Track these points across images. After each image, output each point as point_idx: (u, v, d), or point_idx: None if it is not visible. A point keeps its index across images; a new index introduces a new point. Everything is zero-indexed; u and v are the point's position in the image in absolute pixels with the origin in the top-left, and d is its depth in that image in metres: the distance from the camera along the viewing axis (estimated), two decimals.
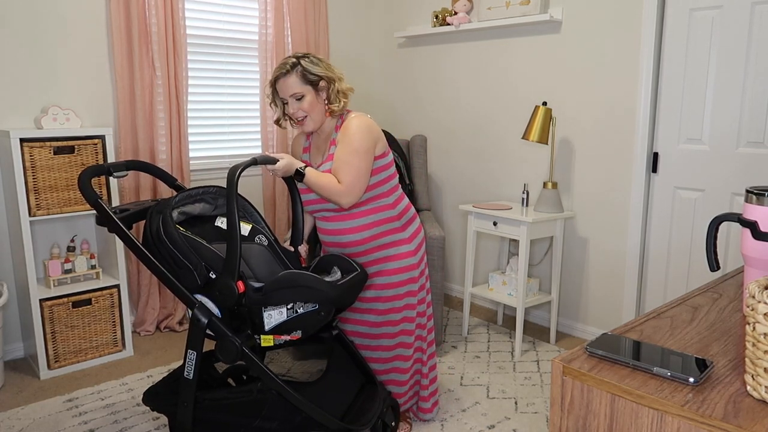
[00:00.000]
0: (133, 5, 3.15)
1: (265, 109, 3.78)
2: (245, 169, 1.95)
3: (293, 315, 1.91)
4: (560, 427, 0.97)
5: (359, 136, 2.11)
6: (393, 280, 2.25)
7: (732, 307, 1.22)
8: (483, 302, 3.96)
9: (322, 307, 1.90)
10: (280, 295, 1.89)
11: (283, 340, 1.95)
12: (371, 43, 4.40)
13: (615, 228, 3.23)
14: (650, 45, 2.97)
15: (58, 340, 2.91)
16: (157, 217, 1.99)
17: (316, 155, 2.28)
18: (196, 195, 2.18)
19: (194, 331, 1.97)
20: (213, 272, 1.94)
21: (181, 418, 2.01)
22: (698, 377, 0.88)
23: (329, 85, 2.14)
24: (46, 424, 2.48)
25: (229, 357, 1.94)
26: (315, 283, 1.88)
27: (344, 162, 2.09)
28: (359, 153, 2.10)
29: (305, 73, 2.10)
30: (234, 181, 1.90)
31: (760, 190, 1.11)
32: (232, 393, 2.04)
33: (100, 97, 3.22)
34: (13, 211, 2.85)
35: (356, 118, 2.16)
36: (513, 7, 3.46)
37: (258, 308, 1.92)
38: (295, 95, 2.12)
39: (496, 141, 3.76)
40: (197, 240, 1.97)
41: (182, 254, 1.94)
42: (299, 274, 1.90)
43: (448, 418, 2.54)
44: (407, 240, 2.28)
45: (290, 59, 2.13)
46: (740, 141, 2.77)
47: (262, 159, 2.04)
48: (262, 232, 2.25)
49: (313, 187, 2.10)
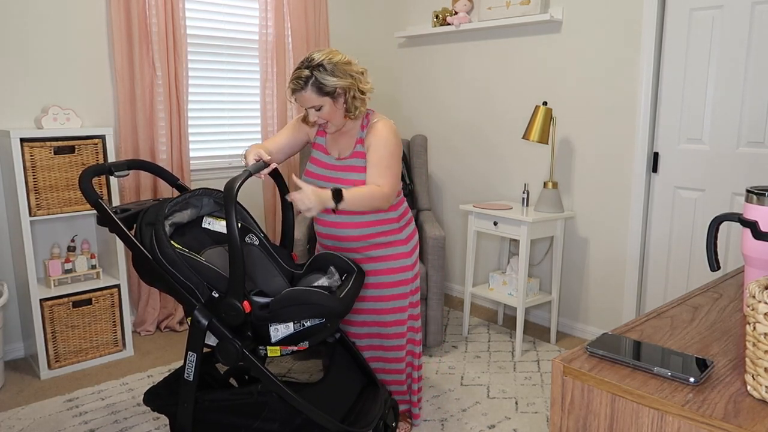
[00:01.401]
0: (133, 5, 3.14)
1: (265, 108, 3.78)
2: (243, 183, 1.89)
3: (300, 328, 1.89)
4: (561, 427, 0.97)
5: (393, 140, 2.14)
6: (386, 279, 2.25)
7: (732, 307, 1.22)
8: (483, 302, 3.96)
9: (329, 321, 1.90)
10: (287, 313, 1.87)
11: (290, 351, 1.94)
12: (371, 43, 4.39)
13: (615, 228, 3.23)
14: (651, 45, 2.97)
15: (58, 340, 2.91)
16: (148, 230, 1.95)
17: (333, 145, 2.24)
18: (183, 201, 2.15)
19: (194, 333, 1.95)
20: (215, 291, 1.92)
21: (181, 419, 2.01)
22: (698, 377, 0.88)
23: (346, 93, 2.10)
24: (47, 424, 2.48)
25: (229, 359, 1.92)
26: (323, 300, 1.86)
27: (385, 166, 2.10)
28: (395, 156, 2.13)
29: (320, 85, 2.05)
30: (233, 196, 1.83)
31: (760, 189, 1.11)
32: (233, 395, 2.03)
33: (100, 97, 3.22)
34: (13, 211, 2.86)
35: (384, 122, 2.17)
36: (513, 7, 3.46)
37: (264, 324, 1.90)
38: (314, 107, 2.10)
39: (497, 141, 3.76)
40: (196, 259, 1.92)
41: (183, 275, 1.91)
42: (307, 292, 1.87)
43: (448, 418, 2.53)
44: (404, 241, 2.28)
45: (304, 71, 2.05)
46: (740, 141, 2.77)
47: (255, 169, 2.00)
48: (251, 230, 2.22)
49: (353, 205, 2.01)
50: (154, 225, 1.95)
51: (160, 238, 1.90)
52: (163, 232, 1.91)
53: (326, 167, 2.21)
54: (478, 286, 3.51)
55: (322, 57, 2.05)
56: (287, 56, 3.81)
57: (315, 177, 2.22)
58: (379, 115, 2.22)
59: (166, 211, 2.02)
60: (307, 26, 3.86)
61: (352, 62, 2.12)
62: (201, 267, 1.92)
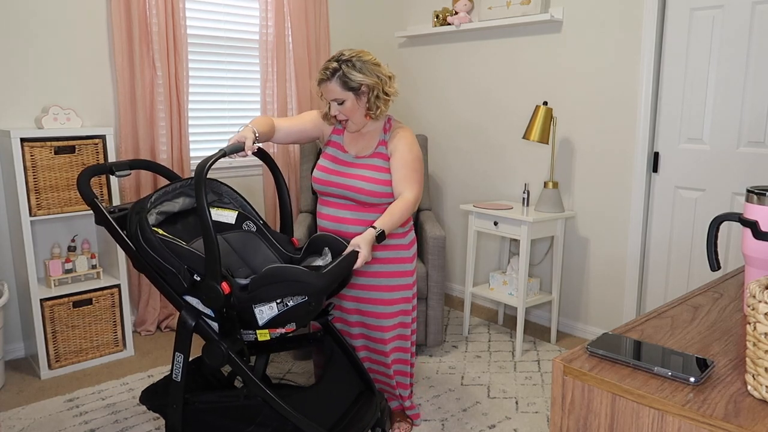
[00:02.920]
0: (133, 5, 3.15)
1: (266, 108, 3.78)
2: (214, 162, 1.85)
3: (284, 309, 1.86)
4: (561, 426, 0.97)
5: (416, 146, 2.18)
6: (390, 282, 2.24)
7: (733, 306, 1.22)
8: (484, 302, 3.96)
9: (311, 299, 1.85)
10: (267, 291, 1.84)
11: (278, 333, 1.91)
12: (372, 43, 4.39)
13: (616, 228, 3.23)
14: (651, 44, 2.97)
15: (58, 340, 2.91)
16: (135, 218, 1.95)
17: (352, 144, 2.24)
18: (174, 191, 2.13)
19: (182, 334, 1.94)
20: (197, 274, 1.90)
21: (171, 419, 2.01)
22: (699, 377, 0.88)
23: (370, 91, 2.11)
24: (47, 423, 2.48)
25: (215, 361, 1.91)
26: (301, 276, 1.82)
27: (411, 169, 2.15)
28: (420, 161, 2.18)
29: (345, 80, 2.06)
30: (202, 178, 1.80)
31: (760, 189, 1.11)
32: (221, 397, 2.02)
33: (100, 97, 3.22)
34: (13, 211, 2.86)
35: (407, 129, 2.22)
36: (514, 7, 3.46)
37: (248, 306, 1.88)
38: (336, 100, 2.11)
39: (497, 140, 3.75)
40: (175, 242, 1.91)
41: (163, 259, 1.90)
42: (283, 268, 1.84)
43: (449, 418, 2.54)
44: (406, 246, 2.27)
45: (332, 63, 2.08)
46: (741, 140, 2.77)
47: (230, 149, 1.95)
48: (249, 217, 2.20)
49: (393, 230, 2.10)
50: (139, 213, 1.96)
51: (142, 225, 1.91)
52: (145, 218, 1.92)
53: (341, 163, 2.21)
54: (478, 285, 3.51)
55: (353, 54, 2.09)
56: (287, 56, 3.82)
57: (326, 171, 2.22)
58: (398, 122, 2.25)
59: (153, 199, 2.03)
60: (307, 26, 3.86)
61: (381, 65, 2.14)
62: (181, 251, 1.90)
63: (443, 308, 3.07)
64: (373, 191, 2.14)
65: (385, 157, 2.17)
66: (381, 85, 2.11)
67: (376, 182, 2.14)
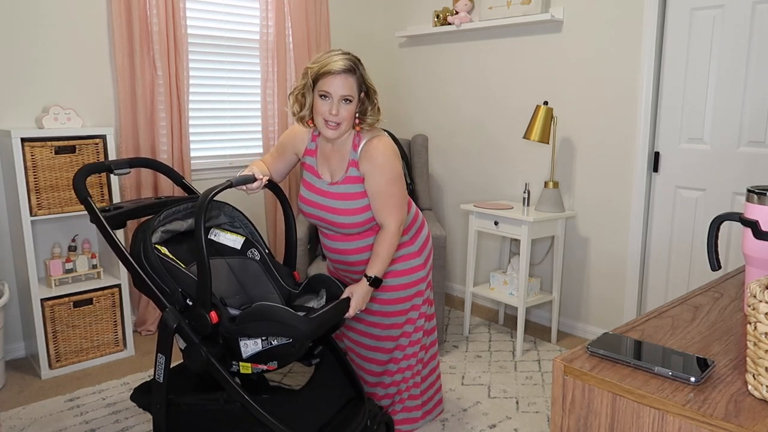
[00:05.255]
0: (134, 4, 3.15)
1: (266, 108, 3.78)
2: (219, 192, 1.87)
3: (268, 346, 1.86)
4: (561, 426, 0.97)
5: (391, 164, 2.02)
6: (400, 295, 2.21)
7: (733, 306, 1.22)
8: (484, 302, 3.96)
9: (295, 342, 1.85)
10: (253, 327, 1.84)
11: (260, 370, 1.91)
12: (372, 43, 4.39)
13: (616, 227, 3.23)
14: (651, 44, 2.97)
15: (59, 340, 2.91)
16: (140, 236, 1.96)
17: (324, 166, 2.13)
18: (185, 210, 2.13)
19: (163, 336, 1.94)
20: (189, 299, 1.91)
21: (156, 420, 2.01)
22: (699, 377, 0.88)
23: (368, 100, 2.00)
24: (48, 423, 2.48)
25: (194, 364, 1.91)
26: (288, 319, 1.81)
27: (388, 195, 2.03)
28: (395, 182, 2.04)
29: (363, 79, 1.97)
30: (204, 207, 1.81)
31: (761, 189, 1.11)
32: (203, 399, 2.01)
33: (101, 97, 3.22)
34: (14, 211, 2.86)
35: (379, 143, 2.03)
36: (514, 7, 3.46)
37: (234, 337, 1.88)
38: (345, 97, 1.94)
39: (498, 140, 3.75)
40: (175, 264, 1.92)
41: (160, 279, 1.91)
42: (273, 308, 1.83)
43: (449, 418, 2.53)
44: (416, 253, 2.24)
45: (350, 56, 1.95)
46: (741, 140, 2.77)
47: (237, 181, 1.98)
48: (255, 245, 2.19)
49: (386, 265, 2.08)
50: (144, 232, 1.97)
51: (146, 242, 1.92)
52: (149, 237, 1.93)
53: (320, 193, 2.12)
54: (478, 285, 3.51)
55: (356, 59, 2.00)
56: (288, 56, 3.81)
57: (309, 204, 2.14)
58: (371, 131, 2.07)
59: (162, 217, 2.04)
60: (307, 26, 3.86)
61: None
62: (179, 274, 1.92)
63: (444, 308, 3.07)
64: (355, 223, 2.07)
65: (359, 180, 2.04)
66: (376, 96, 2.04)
67: (355, 213, 2.05)
